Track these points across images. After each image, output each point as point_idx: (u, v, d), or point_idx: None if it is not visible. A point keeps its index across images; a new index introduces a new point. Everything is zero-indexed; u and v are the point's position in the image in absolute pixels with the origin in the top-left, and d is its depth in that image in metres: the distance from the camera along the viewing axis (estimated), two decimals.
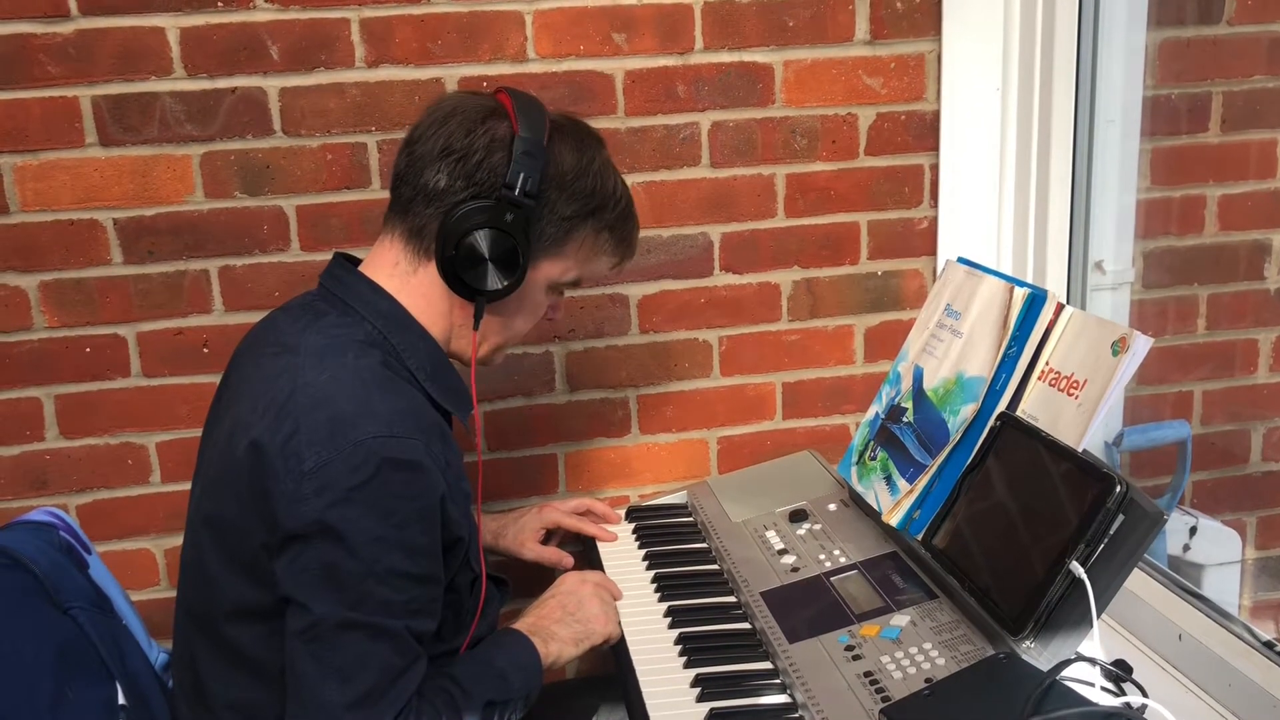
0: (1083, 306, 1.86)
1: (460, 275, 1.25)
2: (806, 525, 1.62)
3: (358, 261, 1.34)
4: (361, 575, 1.12)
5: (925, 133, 1.85)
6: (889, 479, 1.51)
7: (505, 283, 1.26)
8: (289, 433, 1.14)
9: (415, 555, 1.16)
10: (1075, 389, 1.28)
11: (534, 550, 1.67)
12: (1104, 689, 1.16)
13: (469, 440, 1.48)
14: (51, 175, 1.65)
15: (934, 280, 1.89)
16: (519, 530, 1.68)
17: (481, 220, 1.23)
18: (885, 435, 1.56)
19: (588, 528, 1.72)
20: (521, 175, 1.23)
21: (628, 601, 1.53)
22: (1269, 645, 1.25)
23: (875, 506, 1.51)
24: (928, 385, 1.51)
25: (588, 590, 1.47)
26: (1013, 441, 1.32)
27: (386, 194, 1.71)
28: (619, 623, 1.47)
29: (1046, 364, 1.34)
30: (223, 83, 1.66)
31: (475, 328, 1.30)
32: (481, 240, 1.24)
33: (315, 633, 1.12)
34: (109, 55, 1.62)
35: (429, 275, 1.28)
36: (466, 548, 1.27)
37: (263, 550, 1.16)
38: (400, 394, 1.21)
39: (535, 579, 1.67)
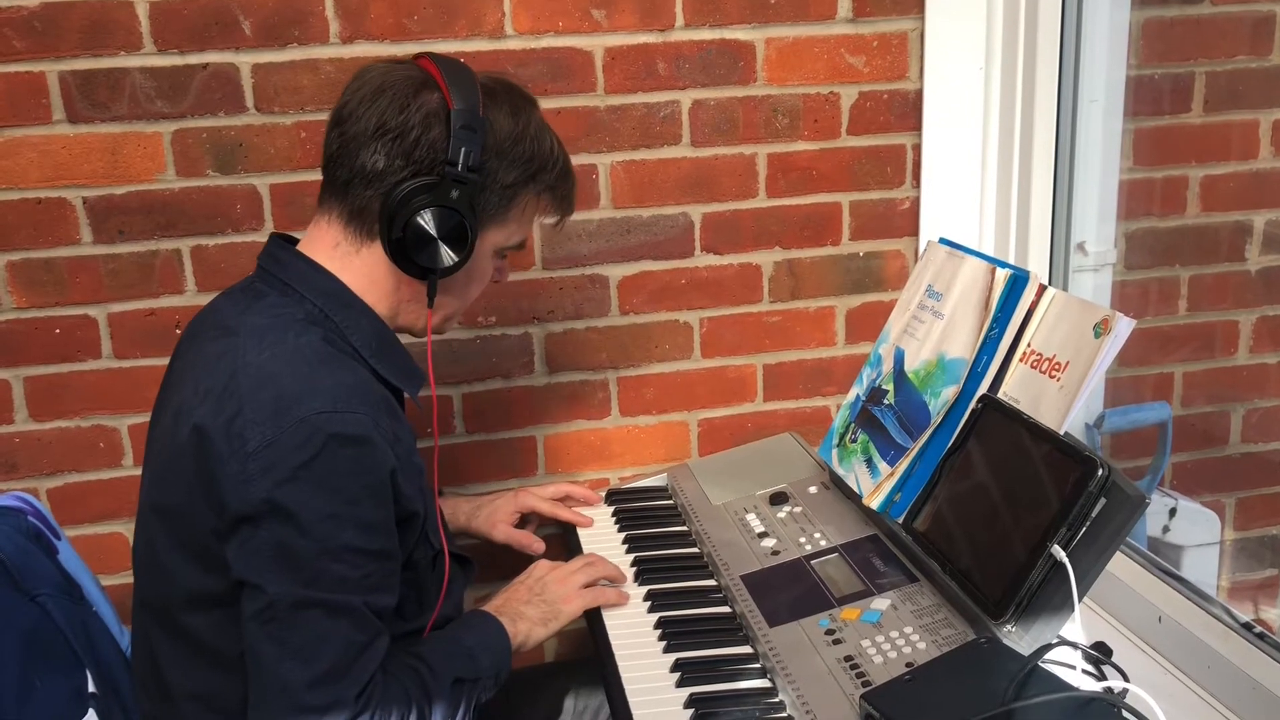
0: (1064, 288, 1.85)
1: (411, 256, 1.23)
2: (787, 508, 1.62)
3: (295, 241, 1.32)
4: (315, 553, 1.11)
5: (908, 112, 1.84)
6: (870, 461, 1.50)
7: (456, 259, 1.25)
8: (232, 414, 1.12)
9: (368, 530, 1.15)
10: (1057, 371, 1.27)
11: (505, 532, 1.65)
12: (1085, 672, 1.16)
13: (423, 418, 1.46)
14: (18, 152, 1.61)
15: (916, 261, 1.88)
16: (492, 512, 1.67)
17: (427, 200, 1.21)
18: (866, 417, 1.55)
19: (563, 514, 1.71)
20: (463, 150, 1.21)
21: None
22: (1247, 627, 1.25)
23: (856, 489, 1.51)
24: (909, 367, 1.50)
25: (556, 575, 1.46)
26: (994, 424, 1.31)
27: None
28: (590, 600, 1.46)
29: (1028, 346, 1.33)
30: (194, 58, 1.63)
31: (430, 305, 1.29)
32: (429, 220, 1.22)
33: (272, 613, 1.11)
34: (76, 29, 1.58)
35: (373, 255, 1.26)
36: (423, 522, 1.25)
37: (213, 536, 1.14)
38: (344, 369, 1.19)
39: (508, 563, 1.66)
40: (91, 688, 1.23)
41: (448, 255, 1.24)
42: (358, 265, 1.27)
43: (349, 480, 1.12)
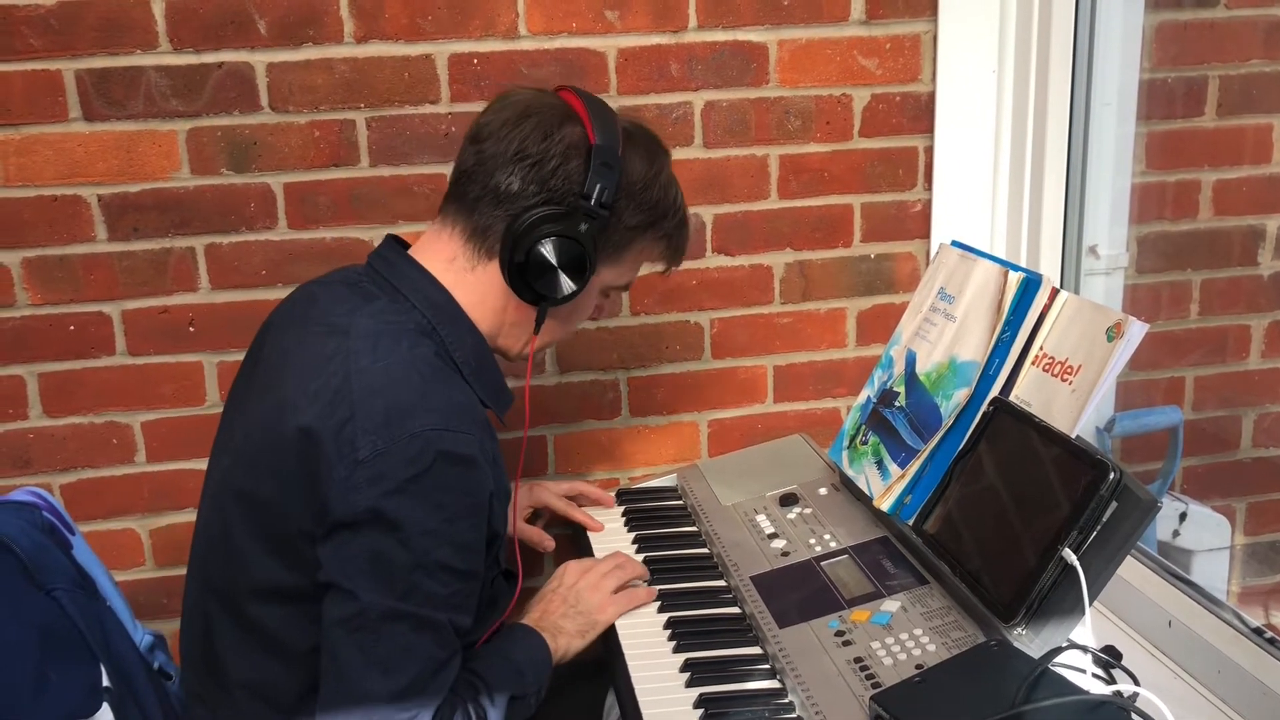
0: (1076, 291, 1.85)
1: (529, 282, 1.24)
2: (797, 509, 1.62)
3: (407, 245, 1.33)
4: (410, 567, 1.11)
5: (920, 114, 1.84)
6: (880, 463, 1.50)
7: (572, 289, 1.26)
8: (343, 419, 1.12)
9: (463, 550, 1.16)
10: (1069, 374, 1.27)
11: (517, 527, 1.66)
12: (1095, 676, 1.16)
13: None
14: (34, 150, 1.62)
15: (927, 263, 1.88)
16: None
17: (556, 229, 1.23)
18: (877, 419, 1.55)
19: (575, 514, 1.70)
20: (599, 186, 1.22)
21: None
22: (1258, 632, 1.25)
23: (866, 491, 1.51)
24: (920, 369, 1.50)
25: (588, 581, 1.46)
26: (1006, 427, 1.31)
27: (375, 172, 1.71)
28: (624, 605, 1.46)
29: (1040, 349, 1.33)
30: (209, 57, 1.64)
31: (536, 331, 1.30)
32: (553, 248, 1.23)
33: (361, 621, 1.11)
34: (92, 28, 1.59)
35: (488, 274, 1.27)
36: (500, 543, 1.27)
37: (302, 536, 1.15)
38: (455, 387, 1.20)
39: (524, 563, 1.66)
40: (106, 682, 1.24)
41: (566, 285, 1.25)
42: (471, 282, 1.27)
43: (453, 498, 1.13)
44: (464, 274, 1.28)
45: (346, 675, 1.11)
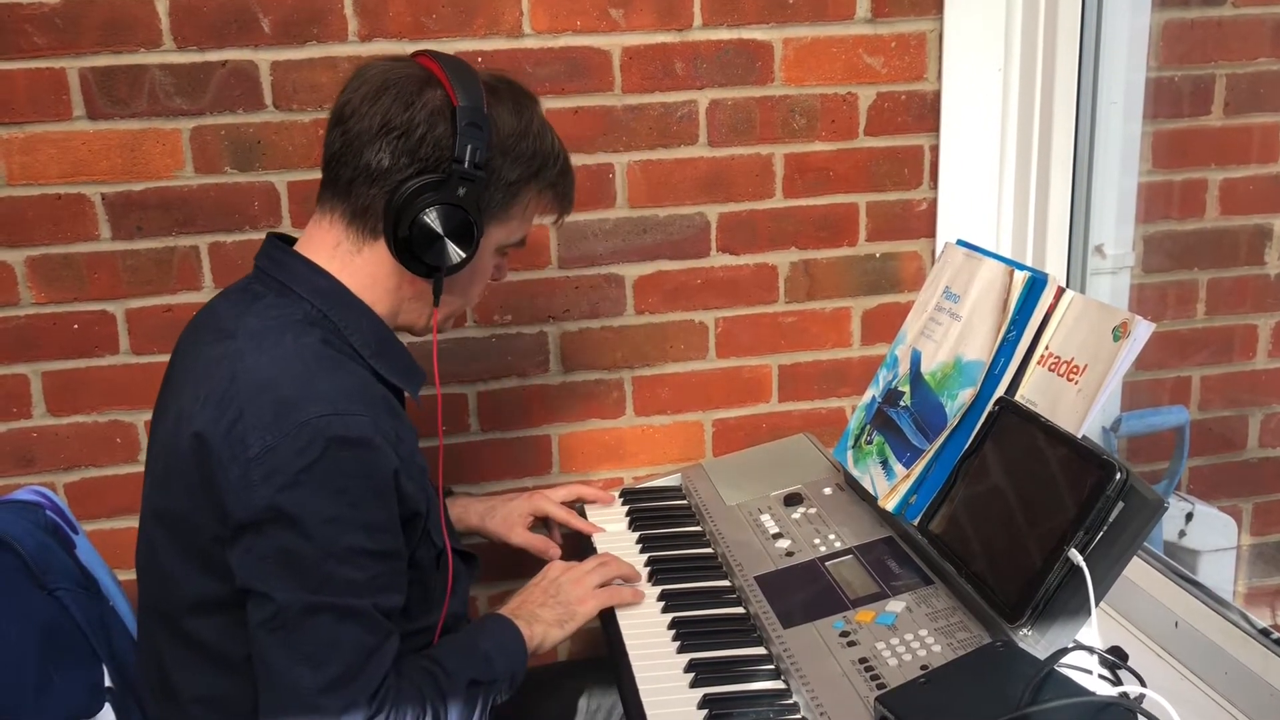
0: (1082, 290, 1.84)
1: (418, 254, 1.23)
2: (801, 509, 1.61)
3: (293, 240, 1.31)
4: (320, 557, 1.11)
5: (926, 113, 1.83)
6: (885, 463, 1.50)
7: (463, 255, 1.24)
8: (232, 420, 1.11)
9: (373, 532, 1.14)
10: (1075, 374, 1.27)
11: (522, 536, 1.65)
12: (1101, 677, 1.15)
13: (420, 413, 1.45)
14: (38, 148, 1.62)
15: (932, 263, 1.87)
16: (508, 514, 1.67)
17: (434, 197, 1.21)
18: (882, 419, 1.55)
19: (575, 522, 1.69)
20: (469, 147, 1.20)
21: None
22: (1265, 633, 1.24)
23: (871, 491, 1.50)
24: (925, 369, 1.49)
25: (570, 576, 1.45)
26: (1011, 427, 1.30)
27: None
28: (605, 600, 1.45)
29: (1046, 348, 1.33)
30: (213, 55, 1.63)
31: (436, 304, 1.28)
32: (436, 217, 1.21)
33: (281, 621, 1.10)
34: (96, 26, 1.59)
35: (375, 254, 1.25)
36: (425, 521, 1.25)
37: (215, 543, 1.14)
38: (344, 371, 1.19)
39: (524, 561, 1.66)
40: (108, 682, 1.24)
41: (454, 252, 1.23)
42: (359, 265, 1.26)
43: (351, 482, 1.12)
44: (351, 258, 1.26)
45: (277, 675, 1.10)
